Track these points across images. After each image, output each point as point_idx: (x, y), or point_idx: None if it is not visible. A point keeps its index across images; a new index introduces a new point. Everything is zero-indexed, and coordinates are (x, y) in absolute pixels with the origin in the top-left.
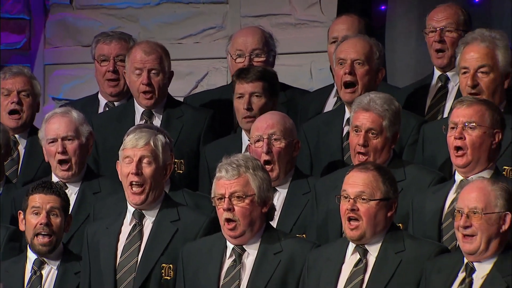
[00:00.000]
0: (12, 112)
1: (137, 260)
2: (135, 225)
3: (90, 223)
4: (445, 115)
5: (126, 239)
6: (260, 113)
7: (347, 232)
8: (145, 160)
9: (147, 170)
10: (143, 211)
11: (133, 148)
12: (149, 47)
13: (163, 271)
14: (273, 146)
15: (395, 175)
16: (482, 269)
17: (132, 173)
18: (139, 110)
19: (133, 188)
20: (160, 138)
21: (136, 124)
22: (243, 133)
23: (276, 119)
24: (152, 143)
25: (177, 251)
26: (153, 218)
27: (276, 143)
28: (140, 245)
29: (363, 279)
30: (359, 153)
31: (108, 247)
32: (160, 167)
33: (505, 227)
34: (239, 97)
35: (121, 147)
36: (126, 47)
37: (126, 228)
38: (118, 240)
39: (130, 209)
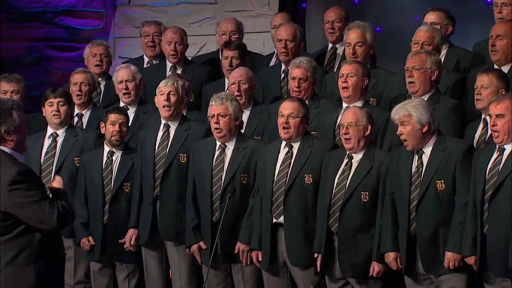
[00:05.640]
0: (97, 65)
1: (165, 152)
2: (164, 131)
3: (142, 130)
4: (335, 70)
5: (160, 138)
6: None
7: (282, 135)
8: (171, 93)
9: (172, 99)
10: (169, 123)
11: (164, 86)
12: (175, 29)
13: (180, 157)
14: (241, 87)
15: (314, 105)
16: (357, 157)
17: (164, 100)
18: (168, 65)
19: (164, 108)
20: (180, 82)
21: (167, 73)
22: (226, 79)
23: (243, 71)
24: (175, 84)
25: (188, 147)
26: (175, 127)
27: (243, 85)
28: (168, 142)
29: (290, 162)
30: (294, 91)
31: (151, 142)
32: (180, 98)
33: (367, 133)
34: (225, 58)
35: (158, 88)
36: (159, 28)
37: (160, 133)
38: (156, 140)
39: (162, 122)
